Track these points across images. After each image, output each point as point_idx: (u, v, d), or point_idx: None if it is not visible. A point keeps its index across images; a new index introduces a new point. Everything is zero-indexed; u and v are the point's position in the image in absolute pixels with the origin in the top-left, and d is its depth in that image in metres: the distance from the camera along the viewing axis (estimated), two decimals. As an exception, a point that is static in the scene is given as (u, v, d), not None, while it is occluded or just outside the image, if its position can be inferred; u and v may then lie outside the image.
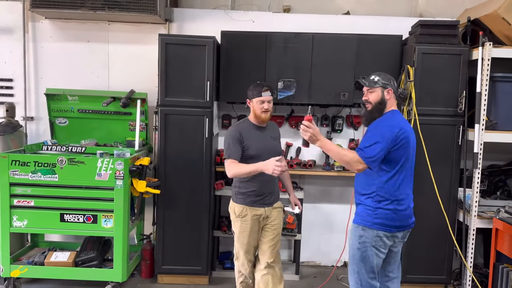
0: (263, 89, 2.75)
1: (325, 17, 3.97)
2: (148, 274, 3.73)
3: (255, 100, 2.77)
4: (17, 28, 3.98)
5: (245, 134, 2.79)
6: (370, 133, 2.40)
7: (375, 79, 2.48)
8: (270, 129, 2.92)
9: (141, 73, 3.96)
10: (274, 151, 2.85)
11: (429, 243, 3.44)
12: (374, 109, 2.47)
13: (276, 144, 2.93)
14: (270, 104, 2.78)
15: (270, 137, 2.88)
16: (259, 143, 2.81)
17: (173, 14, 3.97)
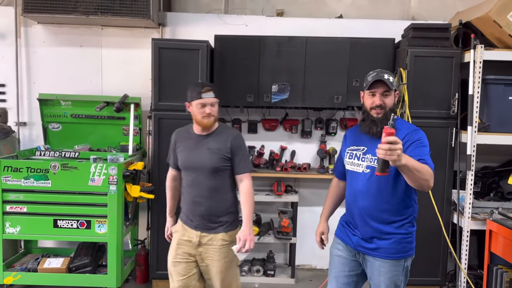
0: (203, 90, 2.31)
1: (318, 20, 3.98)
2: (143, 280, 3.71)
3: (195, 103, 2.33)
4: (9, 33, 3.96)
5: (180, 141, 2.48)
6: (418, 137, 2.03)
7: (390, 79, 2.07)
8: (215, 139, 2.40)
9: (135, 78, 3.95)
10: (202, 166, 2.35)
11: (423, 245, 3.42)
12: (385, 117, 2.04)
13: (210, 158, 2.35)
14: (214, 108, 2.34)
15: (207, 148, 2.37)
16: (189, 154, 2.41)
17: (166, 18, 3.97)
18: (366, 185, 2.09)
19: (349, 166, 2.20)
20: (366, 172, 2.09)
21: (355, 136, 2.22)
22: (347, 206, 2.25)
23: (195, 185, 2.40)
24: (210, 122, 2.35)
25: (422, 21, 3.96)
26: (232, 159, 2.40)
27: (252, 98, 3.66)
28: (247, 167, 2.45)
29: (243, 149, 2.44)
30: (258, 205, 4.02)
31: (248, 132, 4.03)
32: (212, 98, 2.34)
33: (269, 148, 4.01)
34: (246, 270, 3.81)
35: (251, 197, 2.44)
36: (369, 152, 2.08)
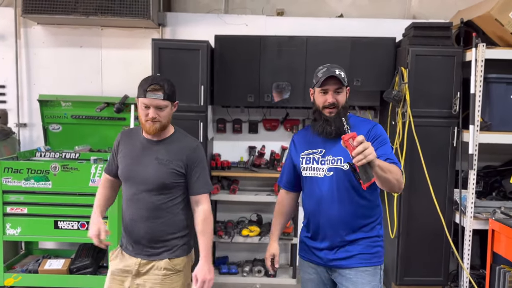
0: (149, 88, 1.87)
1: (318, 20, 3.97)
2: (144, 281, 3.70)
3: (139, 102, 1.93)
4: (9, 34, 3.95)
5: (125, 144, 2.04)
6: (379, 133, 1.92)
7: (342, 74, 1.91)
8: (167, 147, 1.97)
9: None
10: (146, 180, 1.93)
11: (425, 245, 3.43)
12: (338, 115, 1.89)
13: (157, 171, 1.93)
14: (161, 113, 1.90)
15: (155, 158, 1.94)
16: (132, 163, 1.97)
17: (166, 18, 3.96)
18: (331, 190, 1.90)
19: (307, 172, 1.97)
20: (329, 175, 1.90)
21: (307, 139, 2.03)
22: (309, 217, 2.01)
23: (135, 201, 1.97)
24: (153, 129, 1.91)
25: (423, 20, 3.94)
26: (188, 175, 1.97)
27: (252, 98, 3.65)
28: (207, 186, 2.01)
29: (202, 164, 2.01)
30: (259, 205, 4.01)
31: (249, 132, 4.02)
32: (159, 100, 1.88)
33: (270, 148, 3.99)
34: (247, 271, 3.80)
35: (210, 225, 1.99)
36: (328, 154, 1.92)
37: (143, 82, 1.93)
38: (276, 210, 2.20)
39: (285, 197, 2.18)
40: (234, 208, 4.05)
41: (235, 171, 3.85)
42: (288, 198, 2.18)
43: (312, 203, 1.98)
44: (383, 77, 3.57)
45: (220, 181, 3.92)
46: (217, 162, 3.81)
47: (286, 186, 2.16)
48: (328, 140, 1.93)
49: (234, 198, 3.80)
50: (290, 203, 2.19)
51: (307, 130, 2.07)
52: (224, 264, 3.91)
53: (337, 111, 1.90)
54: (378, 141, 1.87)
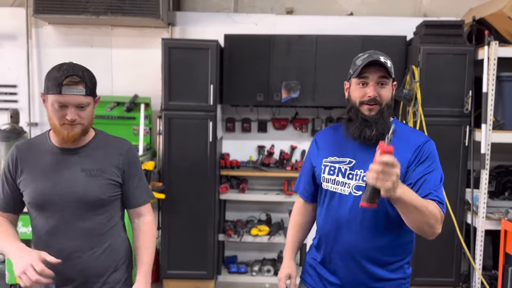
0: (66, 80, 1.43)
1: (328, 18, 3.94)
2: (154, 279, 3.71)
3: (51, 99, 1.47)
4: (21, 34, 3.98)
5: (26, 161, 1.56)
6: (433, 155, 1.50)
7: (388, 63, 1.51)
8: (92, 154, 1.57)
9: (145, 78, 3.95)
10: (74, 200, 1.53)
11: (437, 245, 3.38)
12: (381, 115, 1.50)
13: (87, 185, 1.54)
14: (83, 113, 1.49)
15: (81, 170, 1.54)
16: (47, 181, 1.53)
17: (176, 18, 3.96)
18: (356, 213, 1.50)
19: (329, 184, 1.58)
20: (356, 195, 1.51)
21: (335, 142, 1.63)
22: (323, 239, 1.63)
23: (61, 232, 1.53)
24: (73, 134, 1.49)
25: (434, 18, 3.89)
26: (125, 184, 1.61)
27: (262, 97, 3.65)
28: (148, 194, 1.69)
29: (140, 167, 1.68)
30: (268, 205, 4.00)
31: (258, 131, 4.01)
32: (80, 96, 1.46)
33: (279, 147, 3.98)
34: (257, 270, 3.80)
35: (153, 239, 1.67)
36: (360, 167, 1.52)
37: (54, 72, 1.46)
38: (292, 222, 1.82)
39: (303, 208, 1.80)
40: (243, 207, 4.04)
41: (244, 170, 3.85)
42: (307, 209, 1.79)
43: (328, 224, 1.60)
44: (394, 76, 3.53)
45: (229, 180, 3.92)
46: (226, 161, 3.81)
47: (304, 195, 1.78)
48: (362, 148, 1.53)
49: (243, 197, 3.80)
50: (309, 215, 1.80)
51: (336, 130, 1.67)
52: (233, 263, 3.91)
53: (380, 109, 1.49)
54: (425, 164, 1.46)
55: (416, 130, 1.63)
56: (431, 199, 1.40)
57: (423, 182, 1.43)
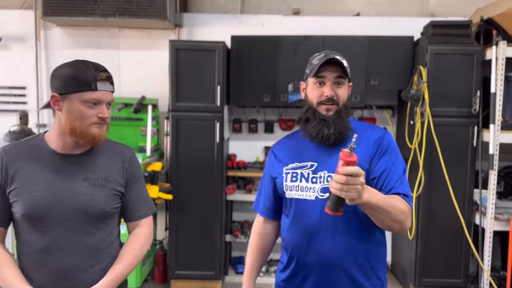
0: (101, 75, 1.38)
1: (335, 19, 3.94)
2: (161, 279, 3.73)
3: (79, 98, 1.36)
4: (29, 36, 4.02)
5: (19, 169, 1.40)
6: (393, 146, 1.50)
7: (344, 62, 1.48)
8: (97, 161, 1.46)
9: (152, 79, 3.97)
10: (78, 212, 1.40)
11: (445, 246, 3.39)
12: (338, 115, 1.47)
13: (93, 196, 1.42)
14: (109, 111, 1.44)
15: (83, 178, 1.42)
16: (45, 193, 1.38)
17: (183, 19, 3.98)
18: (326, 218, 1.40)
19: (293, 192, 1.49)
20: (324, 198, 1.42)
21: (293, 149, 1.56)
22: (291, 253, 1.51)
23: (58, 249, 1.39)
24: (104, 134, 1.42)
25: (442, 18, 3.88)
26: (126, 194, 1.50)
27: (268, 98, 3.65)
28: (149, 205, 1.57)
29: (141, 177, 1.57)
30: (275, 205, 4.00)
31: (265, 132, 4.02)
32: (111, 92, 1.43)
33: (286, 148, 3.98)
34: (264, 271, 3.80)
35: (139, 252, 1.52)
36: (322, 168, 1.46)
37: (85, 68, 1.36)
38: (251, 246, 1.68)
39: (263, 228, 1.67)
40: (250, 208, 3.97)
41: (251, 171, 3.86)
42: (268, 228, 1.67)
43: (298, 234, 1.48)
44: (401, 76, 3.53)
45: (236, 181, 3.93)
46: (233, 162, 3.82)
47: (264, 212, 1.65)
48: (323, 150, 1.48)
49: (250, 198, 3.80)
50: (271, 235, 1.68)
51: (293, 138, 1.62)
52: (240, 264, 3.92)
53: (337, 109, 1.47)
54: (386, 157, 1.45)
55: (372, 124, 1.61)
56: (396, 193, 1.39)
57: (387, 175, 1.42)
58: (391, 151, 1.47)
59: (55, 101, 1.39)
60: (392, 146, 1.49)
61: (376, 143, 1.47)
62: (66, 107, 1.37)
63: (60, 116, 1.40)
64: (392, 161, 1.45)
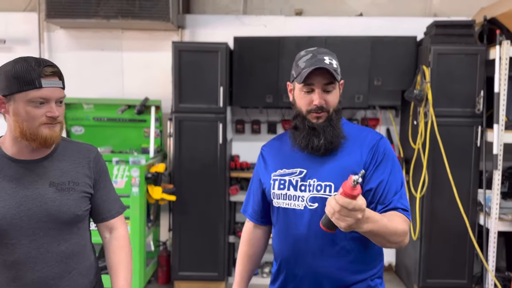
0: (45, 71, 1.27)
1: (338, 19, 3.94)
2: (165, 280, 3.74)
3: (24, 97, 1.26)
4: (33, 38, 4.04)
5: None
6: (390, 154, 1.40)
7: (334, 64, 1.40)
8: (59, 164, 1.38)
9: (155, 80, 3.98)
10: (47, 219, 1.33)
11: (449, 246, 3.37)
12: (329, 122, 1.39)
13: (61, 200, 1.35)
14: (61, 108, 1.33)
15: (49, 183, 1.34)
16: (9, 200, 1.30)
17: (186, 20, 3.99)
18: (316, 228, 1.30)
19: (280, 201, 1.42)
20: (313, 208, 1.35)
21: (282, 153, 1.48)
22: (281, 264, 1.45)
23: (32, 260, 1.32)
24: (56, 135, 1.32)
25: (445, 17, 3.87)
26: (95, 195, 1.44)
27: (271, 98, 3.65)
28: (119, 204, 1.53)
29: (109, 175, 1.52)
30: (278, 206, 4.00)
31: (268, 133, 4.01)
32: (60, 88, 1.32)
33: (289, 148, 3.98)
34: (267, 272, 3.80)
35: (130, 256, 1.49)
36: (312, 176, 1.38)
37: (20, 66, 1.26)
38: (240, 253, 1.60)
39: (252, 234, 1.59)
40: (254, 209, 4.04)
41: (254, 172, 3.85)
42: (256, 235, 1.59)
43: (286, 247, 1.41)
44: (404, 76, 3.53)
45: (239, 182, 3.93)
46: (236, 163, 3.82)
47: (253, 217, 1.58)
48: (313, 157, 1.40)
49: (254, 199, 3.80)
50: (261, 240, 1.60)
51: (282, 140, 1.53)
52: (244, 264, 3.91)
53: (328, 116, 1.39)
54: (383, 167, 1.35)
55: (366, 128, 1.50)
56: (394, 207, 1.30)
57: (384, 187, 1.33)
58: (387, 160, 1.37)
59: (0, 103, 1.29)
60: (388, 154, 1.38)
61: (371, 150, 1.37)
62: (12, 109, 1.28)
63: (8, 120, 1.30)
64: (389, 171, 1.35)
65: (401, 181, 1.37)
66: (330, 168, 1.35)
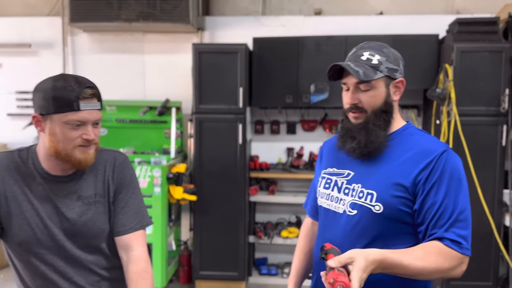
0: (84, 93, 1.24)
1: (357, 18, 3.91)
2: (186, 280, 3.78)
3: (61, 119, 1.23)
4: (57, 42, 4.14)
5: (13, 187, 1.30)
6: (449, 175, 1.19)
7: (373, 60, 1.27)
8: (87, 178, 1.35)
9: (175, 82, 4.03)
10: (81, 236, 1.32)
11: (473, 248, 3.24)
12: (370, 124, 1.26)
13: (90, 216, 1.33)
14: (97, 130, 1.31)
15: (77, 197, 1.33)
16: (42, 216, 1.30)
17: (205, 22, 4.02)
18: (351, 237, 1.24)
19: (323, 200, 1.37)
20: (352, 214, 1.26)
21: (337, 152, 1.38)
22: (316, 268, 1.41)
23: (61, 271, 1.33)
24: (90, 158, 1.30)
25: (468, 15, 3.80)
26: (113, 205, 1.37)
27: (291, 99, 3.65)
28: (138, 219, 1.38)
29: (132, 186, 1.40)
30: (298, 207, 3.99)
31: (287, 133, 4.02)
32: (98, 111, 1.29)
33: (308, 149, 3.98)
34: (288, 273, 3.79)
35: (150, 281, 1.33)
36: (358, 181, 1.28)
37: (66, 84, 1.23)
38: (297, 250, 1.55)
39: (311, 231, 1.54)
40: (273, 209, 4.06)
41: (273, 172, 3.86)
42: (316, 231, 1.49)
43: (319, 246, 1.30)
44: (426, 75, 3.48)
45: (258, 182, 3.94)
46: (256, 163, 3.83)
47: (310, 213, 1.54)
48: (363, 161, 1.29)
49: (273, 199, 3.81)
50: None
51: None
52: (264, 265, 3.92)
53: (366, 118, 1.27)
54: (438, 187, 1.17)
55: (432, 137, 1.30)
56: (440, 237, 1.13)
57: (435, 212, 1.16)
58: (445, 179, 1.17)
59: (37, 121, 1.27)
60: (448, 172, 1.17)
61: (428, 165, 1.18)
62: (48, 128, 1.25)
63: (43, 137, 1.28)
64: (444, 193, 1.16)
65: (459, 205, 1.17)
66: (376, 176, 1.22)
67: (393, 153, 1.25)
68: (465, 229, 1.16)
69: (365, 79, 1.23)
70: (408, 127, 1.32)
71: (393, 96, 1.29)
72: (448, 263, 1.12)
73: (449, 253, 1.13)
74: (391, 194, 1.16)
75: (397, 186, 1.20)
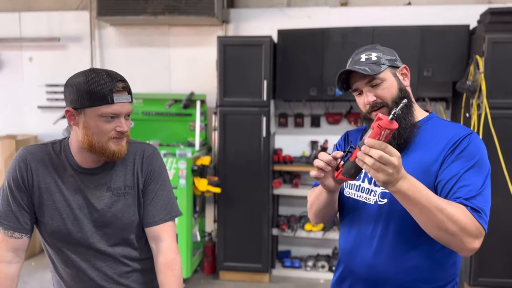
0: (117, 86, 1.27)
1: (385, 9, 3.83)
2: (210, 271, 3.83)
3: (94, 112, 1.26)
4: (85, 36, 4.23)
5: (46, 179, 1.34)
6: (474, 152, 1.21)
7: (372, 58, 1.32)
8: (117, 169, 1.39)
9: (200, 75, 4.06)
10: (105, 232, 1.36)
11: (503, 244, 3.22)
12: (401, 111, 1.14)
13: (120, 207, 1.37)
14: (128, 121, 1.34)
15: (106, 189, 1.36)
16: (68, 207, 1.34)
17: (230, 15, 4.02)
18: (382, 227, 1.28)
19: (352, 191, 1.37)
20: (382, 203, 1.28)
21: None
22: (343, 259, 1.41)
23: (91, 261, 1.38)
24: (123, 149, 1.33)
25: (500, 4, 3.66)
26: (143, 197, 1.40)
27: (315, 91, 3.62)
28: (166, 210, 1.41)
29: (161, 177, 1.42)
30: (322, 200, 3.97)
31: (311, 126, 3.99)
32: (129, 103, 1.32)
33: (332, 142, 3.94)
34: (311, 266, 3.79)
35: (178, 273, 1.37)
36: None
37: (99, 78, 1.26)
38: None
39: None
40: (296, 203, 4.05)
41: (297, 166, 3.85)
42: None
43: (349, 239, 1.37)
44: (456, 67, 3.38)
45: (282, 175, 3.94)
46: (279, 156, 3.83)
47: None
48: None
49: (296, 192, 3.80)
50: None
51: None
52: (287, 257, 3.93)
53: (389, 110, 1.28)
54: (463, 161, 1.19)
55: (457, 124, 1.33)
56: (461, 203, 1.13)
57: (455, 182, 1.17)
58: (468, 155, 1.19)
59: (70, 115, 1.29)
60: (474, 150, 1.20)
61: (453, 146, 1.22)
62: (82, 122, 1.28)
63: (77, 131, 1.31)
64: (467, 167, 1.18)
65: (482, 181, 1.18)
66: (406, 164, 1.18)
67: (419, 141, 1.28)
68: (485, 204, 1.16)
69: (373, 73, 1.28)
70: (432, 117, 1.36)
71: (404, 82, 1.34)
72: (466, 222, 1.11)
73: (470, 216, 1.12)
74: (421, 179, 1.15)
75: (427, 172, 1.23)
